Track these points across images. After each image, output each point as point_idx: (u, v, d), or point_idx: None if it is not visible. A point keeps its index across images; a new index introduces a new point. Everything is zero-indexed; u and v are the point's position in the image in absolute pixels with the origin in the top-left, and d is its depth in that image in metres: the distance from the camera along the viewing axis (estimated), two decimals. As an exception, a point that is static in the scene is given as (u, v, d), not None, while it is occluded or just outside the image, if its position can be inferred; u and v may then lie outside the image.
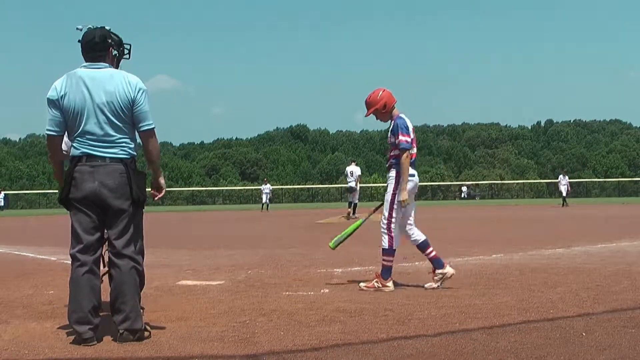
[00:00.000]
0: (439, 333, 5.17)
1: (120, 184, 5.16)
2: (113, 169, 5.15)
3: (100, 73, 5.28)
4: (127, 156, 5.24)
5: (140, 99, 5.27)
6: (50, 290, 7.67)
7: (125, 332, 5.07)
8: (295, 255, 11.64)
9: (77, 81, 5.22)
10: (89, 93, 5.18)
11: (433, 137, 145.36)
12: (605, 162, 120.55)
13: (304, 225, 23.59)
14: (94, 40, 5.40)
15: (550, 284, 7.56)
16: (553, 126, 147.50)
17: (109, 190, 5.13)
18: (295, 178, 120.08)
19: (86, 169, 5.14)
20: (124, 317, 5.10)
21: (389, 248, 7.54)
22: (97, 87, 5.20)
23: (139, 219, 5.37)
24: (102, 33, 5.45)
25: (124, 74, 5.36)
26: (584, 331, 5.08)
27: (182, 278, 8.64)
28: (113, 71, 5.37)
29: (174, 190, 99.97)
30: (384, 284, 7.45)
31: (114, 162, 5.17)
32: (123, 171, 5.18)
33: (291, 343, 4.93)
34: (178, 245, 14.02)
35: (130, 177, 5.19)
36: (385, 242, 7.55)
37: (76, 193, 5.16)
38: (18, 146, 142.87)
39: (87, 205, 5.18)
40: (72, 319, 5.11)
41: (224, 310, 6.38)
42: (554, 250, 11.56)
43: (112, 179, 5.13)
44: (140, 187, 5.27)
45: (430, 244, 7.72)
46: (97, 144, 5.18)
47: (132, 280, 5.21)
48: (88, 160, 5.15)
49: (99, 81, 5.22)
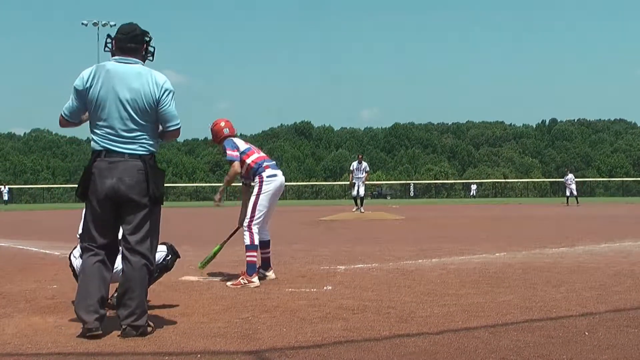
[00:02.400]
0: (441, 331, 5.16)
1: (138, 181, 5.17)
2: (131, 165, 5.17)
3: (129, 68, 5.31)
4: (146, 152, 5.26)
5: (165, 99, 5.32)
6: (53, 284, 7.68)
7: (129, 327, 5.08)
8: (299, 252, 11.65)
9: (105, 74, 5.25)
10: (114, 87, 5.20)
11: (437, 135, 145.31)
12: (609, 162, 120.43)
13: (308, 222, 23.60)
14: (134, 32, 5.43)
15: (553, 283, 7.55)
16: (557, 125, 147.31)
17: (127, 186, 5.14)
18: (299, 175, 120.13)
19: (104, 165, 5.16)
20: (129, 312, 5.11)
21: (250, 244, 7.90)
22: (123, 83, 5.23)
23: (155, 216, 5.36)
24: (141, 29, 5.48)
25: (152, 72, 5.39)
26: (587, 330, 5.08)
27: (184, 274, 8.65)
28: (142, 68, 5.38)
29: (178, 186, 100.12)
30: (250, 280, 7.76)
31: (133, 158, 5.19)
32: (141, 168, 5.18)
33: (293, 340, 4.94)
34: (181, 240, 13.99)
35: (148, 174, 5.19)
36: (247, 239, 7.92)
37: (95, 190, 5.18)
38: (22, 140, 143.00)
39: (104, 204, 5.20)
40: (79, 307, 5.12)
41: (227, 307, 6.39)
42: (557, 250, 11.54)
43: (129, 176, 5.15)
44: (158, 184, 5.26)
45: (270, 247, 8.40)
46: (117, 139, 5.20)
47: (141, 277, 5.23)
48: (107, 156, 5.18)
49: (126, 76, 5.25)
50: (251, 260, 7.84)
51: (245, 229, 7.97)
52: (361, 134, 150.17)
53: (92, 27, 65.86)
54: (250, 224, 7.93)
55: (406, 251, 11.68)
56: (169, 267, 6.43)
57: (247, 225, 7.96)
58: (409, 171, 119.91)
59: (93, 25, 65.61)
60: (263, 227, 8.14)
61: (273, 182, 8.00)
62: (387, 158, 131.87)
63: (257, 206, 7.95)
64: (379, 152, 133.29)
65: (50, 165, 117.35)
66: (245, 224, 7.98)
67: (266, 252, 8.29)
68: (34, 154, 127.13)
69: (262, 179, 7.96)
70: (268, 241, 8.29)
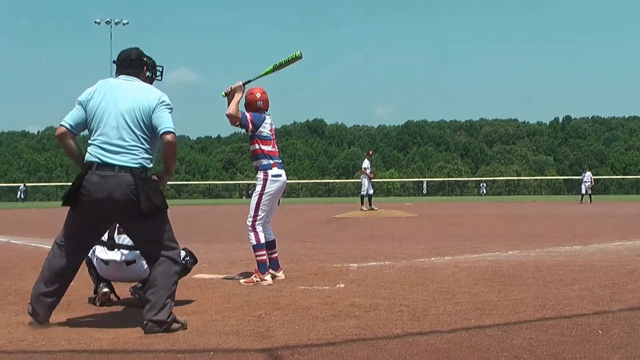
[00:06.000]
0: (454, 329, 5.16)
1: (129, 197, 5.19)
2: (122, 180, 5.19)
3: (130, 84, 5.44)
4: (137, 165, 5.27)
5: (160, 108, 5.38)
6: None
7: (150, 323, 5.12)
8: (311, 250, 11.65)
9: (108, 87, 5.41)
10: (114, 98, 5.32)
11: (450, 133, 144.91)
12: (623, 159, 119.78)
13: (321, 220, 23.60)
14: (129, 58, 5.58)
15: (566, 281, 7.53)
16: (571, 122, 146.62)
17: (118, 202, 5.19)
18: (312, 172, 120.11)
19: (95, 179, 5.20)
20: (149, 307, 5.18)
21: (257, 244, 7.93)
22: (123, 94, 5.35)
23: (159, 222, 5.39)
24: (137, 52, 5.63)
25: (153, 88, 5.53)
26: (600, 329, 5.06)
27: (198, 271, 8.67)
28: (143, 84, 5.51)
29: (191, 184, 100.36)
30: (262, 278, 7.81)
31: (123, 171, 5.21)
32: (131, 183, 5.20)
33: (306, 337, 4.94)
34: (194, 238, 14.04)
35: (143, 189, 5.21)
36: (253, 239, 7.97)
37: (83, 203, 5.26)
38: (36, 139, 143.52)
39: (89, 216, 5.34)
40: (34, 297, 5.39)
41: (240, 304, 6.40)
42: (570, 247, 11.51)
43: (120, 192, 5.18)
44: (151, 196, 5.24)
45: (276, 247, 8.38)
46: (111, 149, 5.25)
47: (163, 274, 5.28)
48: (98, 169, 5.22)
49: (127, 89, 5.39)
50: (261, 259, 7.87)
51: (249, 229, 7.97)
52: (374, 132, 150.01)
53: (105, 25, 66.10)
54: (254, 224, 7.94)
55: (419, 249, 11.67)
56: (188, 268, 6.51)
57: (250, 225, 7.95)
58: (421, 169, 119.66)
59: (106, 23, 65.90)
60: (266, 227, 8.15)
61: (277, 182, 8.00)
62: (400, 156, 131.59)
63: (260, 205, 7.95)
64: (392, 150, 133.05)
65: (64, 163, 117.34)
66: (249, 223, 7.97)
67: (273, 253, 8.27)
68: (48, 152, 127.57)
69: (267, 177, 7.94)
70: (273, 241, 8.27)
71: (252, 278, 7.82)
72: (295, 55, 7.75)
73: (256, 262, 7.89)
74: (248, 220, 8.00)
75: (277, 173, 8.01)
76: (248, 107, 8.11)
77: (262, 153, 7.98)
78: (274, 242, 8.30)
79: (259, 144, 7.98)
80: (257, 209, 7.96)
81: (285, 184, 8.23)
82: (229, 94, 7.90)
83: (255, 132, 7.94)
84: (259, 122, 7.95)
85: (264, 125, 7.99)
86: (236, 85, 7.87)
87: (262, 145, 7.99)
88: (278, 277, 8.13)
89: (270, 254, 8.21)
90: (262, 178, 7.96)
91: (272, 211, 8.22)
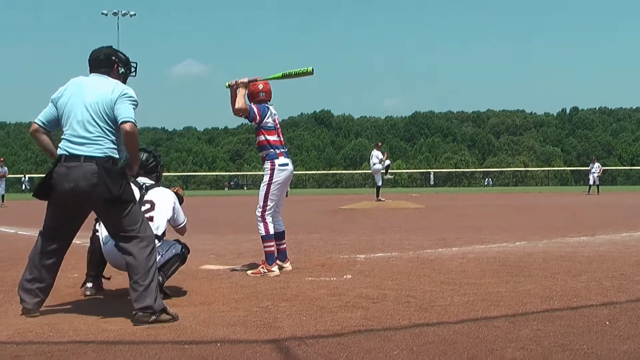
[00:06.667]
0: (461, 320, 5.16)
1: (94, 184, 5.28)
2: (86, 169, 5.30)
3: (97, 80, 5.58)
4: (101, 155, 5.36)
5: (122, 99, 5.45)
6: (74, 273, 7.72)
7: (138, 313, 5.18)
8: (319, 241, 11.66)
9: (76, 85, 5.57)
10: (81, 94, 5.46)
11: (457, 124, 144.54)
12: (631, 150, 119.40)
13: (328, 211, 23.60)
14: (98, 58, 5.72)
15: (574, 272, 7.52)
16: (579, 113, 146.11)
17: (82, 190, 5.31)
18: (319, 163, 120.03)
19: (63, 170, 5.35)
20: (135, 297, 5.25)
21: (266, 234, 7.93)
22: (89, 89, 5.49)
23: (126, 209, 5.43)
24: (107, 52, 5.76)
25: (119, 83, 5.63)
26: (608, 320, 5.05)
27: (205, 262, 8.68)
28: (110, 80, 5.62)
29: (198, 175, 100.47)
30: (270, 269, 7.82)
31: (88, 161, 5.32)
32: (95, 171, 5.29)
33: (313, 328, 4.95)
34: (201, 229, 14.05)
35: (103, 177, 5.28)
36: (262, 230, 7.98)
37: (55, 194, 5.43)
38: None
39: (63, 206, 5.49)
40: (21, 287, 5.53)
41: (247, 295, 6.41)
42: (578, 238, 11.49)
43: (85, 180, 5.29)
44: (113, 187, 5.31)
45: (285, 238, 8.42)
46: (77, 141, 5.38)
47: (139, 260, 5.36)
48: (66, 160, 5.36)
49: (93, 85, 5.53)
50: (269, 250, 7.89)
51: (258, 219, 7.99)
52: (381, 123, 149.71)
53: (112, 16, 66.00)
54: (263, 214, 7.96)
55: (426, 240, 11.67)
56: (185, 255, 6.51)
57: (260, 215, 7.97)
58: (429, 160, 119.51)
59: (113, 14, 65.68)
60: (276, 217, 8.17)
61: (284, 171, 8.01)
62: (407, 147, 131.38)
63: (268, 195, 7.96)
64: (399, 141, 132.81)
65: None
66: (258, 213, 7.99)
67: (282, 243, 8.29)
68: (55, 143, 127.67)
69: (274, 167, 7.96)
70: (283, 232, 8.30)
71: (259, 269, 7.83)
72: (307, 70, 7.84)
73: (264, 253, 7.90)
74: (257, 211, 8.00)
75: (284, 162, 8.02)
76: (251, 97, 8.11)
77: (268, 143, 8.00)
78: (284, 233, 8.33)
79: (265, 135, 8.00)
80: (267, 199, 7.97)
81: (292, 173, 8.24)
82: (232, 87, 7.90)
83: (261, 123, 7.95)
84: (264, 114, 7.97)
85: (268, 116, 8.01)
86: (241, 80, 7.89)
87: (268, 136, 8.01)
88: (285, 268, 8.13)
89: (279, 244, 8.23)
90: (269, 168, 7.97)
91: (280, 200, 8.22)
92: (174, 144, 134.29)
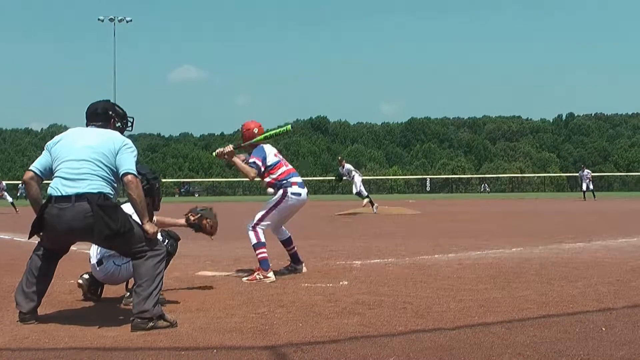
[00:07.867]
0: (457, 326, 5.16)
1: (88, 225, 5.24)
2: (78, 210, 5.24)
3: (96, 129, 5.63)
4: (93, 192, 5.27)
5: (125, 150, 5.46)
6: (70, 279, 7.71)
7: (136, 319, 5.16)
8: (315, 247, 11.64)
9: (75, 132, 5.64)
10: (80, 137, 5.51)
11: (454, 130, 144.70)
12: (627, 156, 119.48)
13: (324, 217, 23.61)
14: (96, 112, 5.74)
15: (570, 278, 7.52)
16: (574, 119, 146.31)
17: (78, 230, 5.31)
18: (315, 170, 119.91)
19: (55, 212, 5.30)
20: (136, 302, 5.23)
21: (257, 242, 7.94)
22: (88, 134, 5.54)
23: (130, 236, 5.37)
24: (104, 106, 5.80)
25: (118, 134, 5.67)
26: (604, 326, 5.06)
27: (201, 269, 8.68)
28: (109, 130, 5.66)
29: (194, 181, 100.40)
30: (265, 275, 7.80)
31: (80, 200, 5.25)
32: (89, 211, 5.23)
33: (310, 335, 4.95)
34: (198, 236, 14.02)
35: (99, 215, 5.22)
36: (253, 238, 7.98)
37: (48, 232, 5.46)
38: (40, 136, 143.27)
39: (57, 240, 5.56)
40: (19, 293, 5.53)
41: (243, 301, 6.41)
42: (574, 244, 11.50)
43: (78, 221, 5.26)
44: (109, 221, 5.23)
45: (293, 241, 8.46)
46: (69, 179, 5.33)
47: (147, 268, 5.34)
48: (57, 201, 5.30)
49: (92, 132, 5.58)
50: (262, 256, 7.88)
51: (249, 229, 8.00)
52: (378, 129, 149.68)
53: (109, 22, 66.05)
54: (255, 227, 7.99)
55: (422, 246, 11.67)
56: (171, 252, 6.42)
57: (251, 227, 7.99)
58: (425, 166, 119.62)
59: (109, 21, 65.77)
60: (277, 230, 8.26)
61: (295, 200, 8.07)
62: (403, 153, 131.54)
63: (269, 215, 8.03)
64: (395, 147, 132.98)
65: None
66: (250, 225, 8.01)
67: (291, 248, 8.37)
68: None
69: (287, 194, 8.01)
70: (289, 237, 8.36)
71: (255, 275, 7.82)
72: (286, 129, 8.39)
73: (258, 260, 7.90)
74: (250, 223, 8.04)
75: (297, 192, 8.10)
76: (245, 140, 8.30)
77: (276, 181, 8.10)
78: (290, 238, 8.39)
79: (270, 175, 8.11)
80: (264, 218, 8.02)
81: (303, 203, 8.29)
82: (220, 157, 8.21)
83: (267, 168, 8.06)
84: (264, 157, 8.07)
85: (267, 155, 8.11)
86: (227, 150, 8.12)
87: (274, 174, 8.10)
88: (298, 270, 8.32)
89: (289, 250, 8.35)
90: (281, 193, 8.05)
91: (284, 221, 8.33)
92: (170, 149, 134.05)
